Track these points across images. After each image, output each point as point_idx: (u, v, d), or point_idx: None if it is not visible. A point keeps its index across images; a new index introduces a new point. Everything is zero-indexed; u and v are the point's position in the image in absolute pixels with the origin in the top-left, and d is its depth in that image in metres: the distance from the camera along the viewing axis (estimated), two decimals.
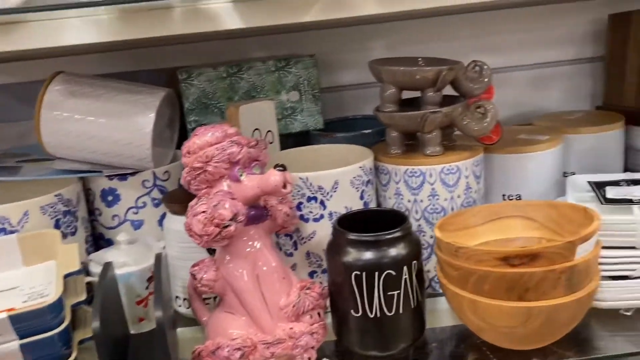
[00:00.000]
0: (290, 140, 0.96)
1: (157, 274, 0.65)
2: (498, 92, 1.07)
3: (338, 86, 1.06)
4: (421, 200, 0.76)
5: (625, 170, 0.97)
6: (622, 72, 0.97)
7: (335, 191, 0.73)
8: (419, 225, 0.77)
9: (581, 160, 0.91)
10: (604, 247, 0.68)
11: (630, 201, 0.70)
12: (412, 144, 0.81)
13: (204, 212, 0.61)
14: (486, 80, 0.78)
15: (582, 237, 0.57)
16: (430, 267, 0.78)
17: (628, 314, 0.69)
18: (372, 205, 0.78)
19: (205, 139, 0.64)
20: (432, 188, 0.75)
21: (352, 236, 0.64)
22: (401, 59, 0.81)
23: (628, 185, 0.75)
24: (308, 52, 1.00)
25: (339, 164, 0.74)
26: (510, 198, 0.84)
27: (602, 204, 0.70)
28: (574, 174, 0.90)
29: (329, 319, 0.68)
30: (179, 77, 0.90)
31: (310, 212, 0.73)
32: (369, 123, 0.96)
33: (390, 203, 0.79)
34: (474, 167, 0.77)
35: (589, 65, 1.07)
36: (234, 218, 0.60)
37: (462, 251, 0.60)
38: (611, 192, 0.73)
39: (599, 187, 0.76)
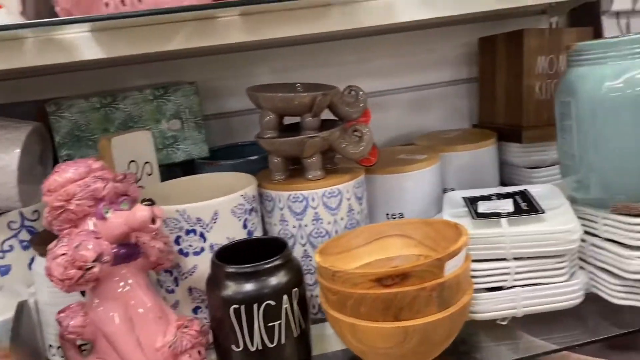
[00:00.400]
0: (176, 170, 0.93)
1: (16, 325, 0.60)
2: (382, 115, 1.11)
3: (225, 112, 1.04)
4: (306, 225, 0.76)
5: (501, 183, 1.02)
6: (493, 92, 1.03)
7: (215, 222, 0.71)
8: (305, 250, 0.77)
9: (459, 176, 0.95)
10: (477, 260, 0.71)
11: (498, 215, 0.73)
12: (297, 169, 0.81)
13: (64, 254, 0.56)
14: (362, 104, 0.80)
15: (449, 254, 0.59)
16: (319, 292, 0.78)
17: (504, 323, 0.71)
18: (257, 233, 0.77)
19: (67, 176, 0.60)
20: (316, 212, 0.75)
21: (230, 269, 0.62)
22: (279, 85, 0.81)
23: (498, 199, 0.79)
24: (192, 79, 0.98)
25: (224, 192, 0.72)
26: (393, 216, 0.86)
27: (473, 218, 0.74)
28: (453, 190, 0.94)
29: (213, 356, 0.66)
30: (47, 110, 0.85)
31: (190, 245, 0.71)
32: (257, 149, 0.95)
33: (276, 230, 0.78)
34: (356, 189, 0.78)
35: (465, 85, 1.13)
36: (98, 259, 0.57)
37: (339, 275, 0.60)
38: (482, 207, 0.77)
39: (472, 202, 0.79)
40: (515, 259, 0.70)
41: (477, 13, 0.74)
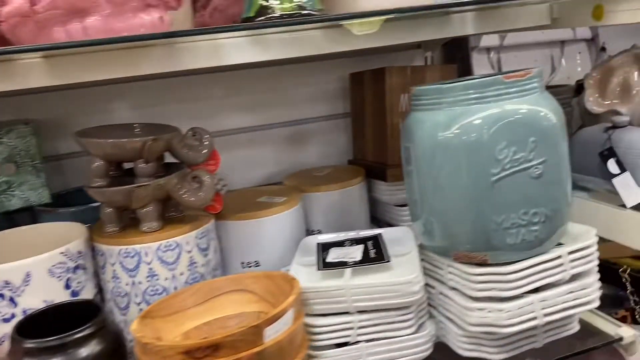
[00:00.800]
0: (16, 218, 0.84)
1: None
2: (255, 151, 1.07)
3: (78, 152, 0.96)
4: (140, 282, 0.69)
5: (374, 220, 1.00)
6: (363, 129, 1.01)
7: (27, 285, 0.63)
8: (141, 310, 0.70)
9: (327, 217, 0.91)
10: (320, 315, 0.67)
11: (345, 264, 0.70)
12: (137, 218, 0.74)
13: None
14: (207, 147, 0.74)
15: (268, 320, 0.55)
16: None
17: None
18: (85, 293, 0.69)
19: None
20: (150, 268, 0.69)
21: (29, 344, 0.55)
22: (115, 127, 0.75)
23: (351, 245, 0.76)
24: (40, 117, 0.90)
25: (58, 245, 0.65)
26: (249, 265, 0.81)
27: (318, 269, 0.70)
28: (320, 232, 0.91)
29: None
30: None
31: None
32: None
33: (109, 287, 0.71)
34: (199, 240, 0.72)
35: (342, 120, 1.11)
36: None
37: (148, 347, 0.54)
38: (332, 255, 0.73)
39: (324, 250, 0.75)
40: (360, 312, 0.67)
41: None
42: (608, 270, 1.02)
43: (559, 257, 0.64)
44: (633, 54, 0.96)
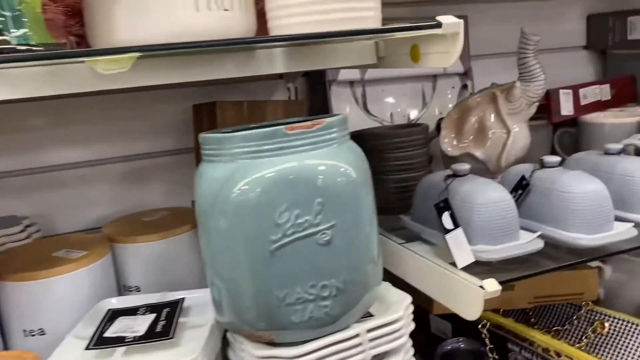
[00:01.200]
0: None
1: None
2: (86, 190, 0.94)
3: None
4: None
5: None
6: None
7: None
8: None
9: (149, 271, 0.79)
10: None
11: (121, 340, 0.59)
12: None
13: None
14: None
15: None
16: None
17: None
18: None
19: None
20: None
21: None
22: None
23: (144, 313, 0.65)
24: None
25: None
26: (32, 334, 0.68)
27: (86, 348, 0.58)
28: (138, 290, 0.79)
29: None
30: None
31: None
32: None
33: None
34: None
35: (190, 155, 1.00)
36: None
37: None
38: (115, 327, 0.62)
39: (111, 319, 0.64)
40: None
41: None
42: (469, 325, 0.96)
43: (357, 335, 0.55)
44: (490, 93, 0.91)
